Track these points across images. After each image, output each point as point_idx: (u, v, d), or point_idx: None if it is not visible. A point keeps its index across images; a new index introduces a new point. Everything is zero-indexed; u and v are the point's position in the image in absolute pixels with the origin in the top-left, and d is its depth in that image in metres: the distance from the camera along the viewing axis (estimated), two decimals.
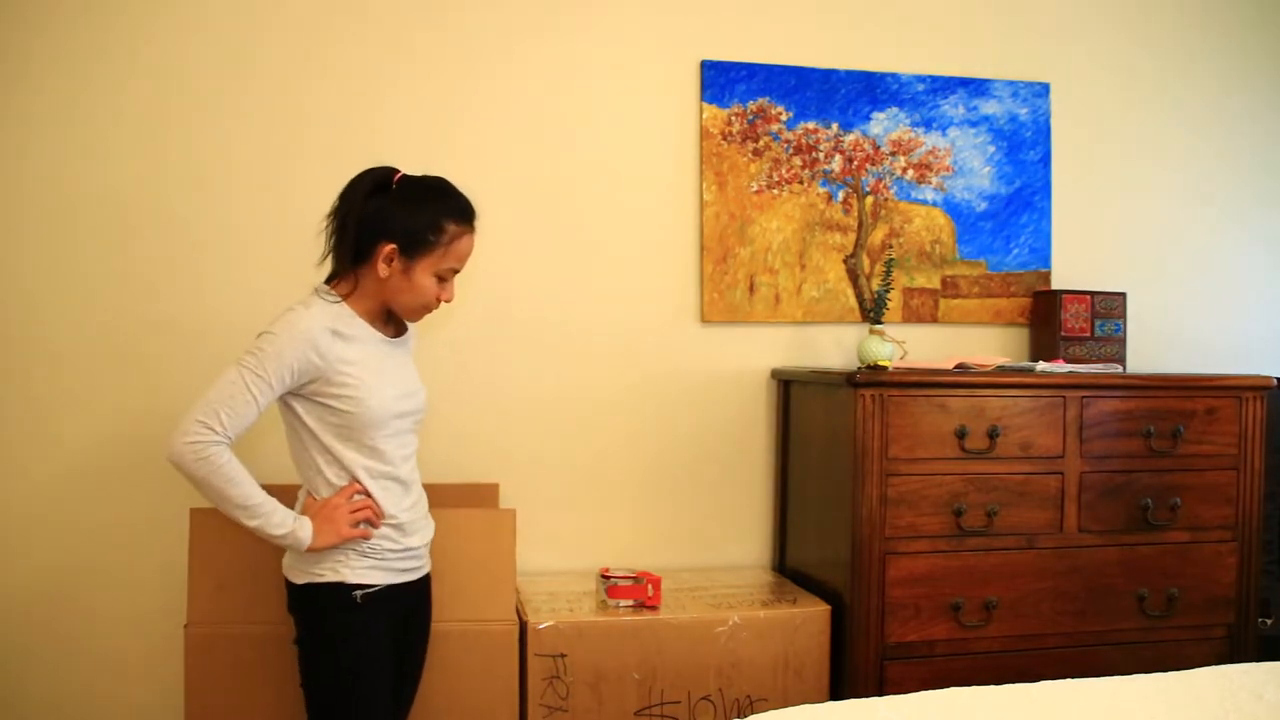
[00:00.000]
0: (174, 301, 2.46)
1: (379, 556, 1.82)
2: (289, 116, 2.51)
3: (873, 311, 2.66)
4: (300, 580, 1.81)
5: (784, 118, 2.77)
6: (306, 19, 2.52)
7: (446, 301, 1.86)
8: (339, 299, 1.81)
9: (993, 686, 1.88)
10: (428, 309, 1.85)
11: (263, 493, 1.75)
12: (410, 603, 1.91)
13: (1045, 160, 2.95)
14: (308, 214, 2.02)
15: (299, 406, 1.78)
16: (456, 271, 1.85)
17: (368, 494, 1.81)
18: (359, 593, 1.79)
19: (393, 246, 1.77)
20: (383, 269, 1.78)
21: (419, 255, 1.78)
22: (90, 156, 2.42)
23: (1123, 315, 2.85)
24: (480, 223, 1.87)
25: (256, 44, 2.49)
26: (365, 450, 1.80)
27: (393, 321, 1.91)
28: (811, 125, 2.79)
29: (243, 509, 1.72)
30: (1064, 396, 2.42)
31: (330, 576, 1.79)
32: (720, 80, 2.73)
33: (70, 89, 2.40)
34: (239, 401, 1.70)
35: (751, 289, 2.76)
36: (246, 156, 2.49)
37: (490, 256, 2.50)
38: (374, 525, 1.81)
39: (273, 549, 1.87)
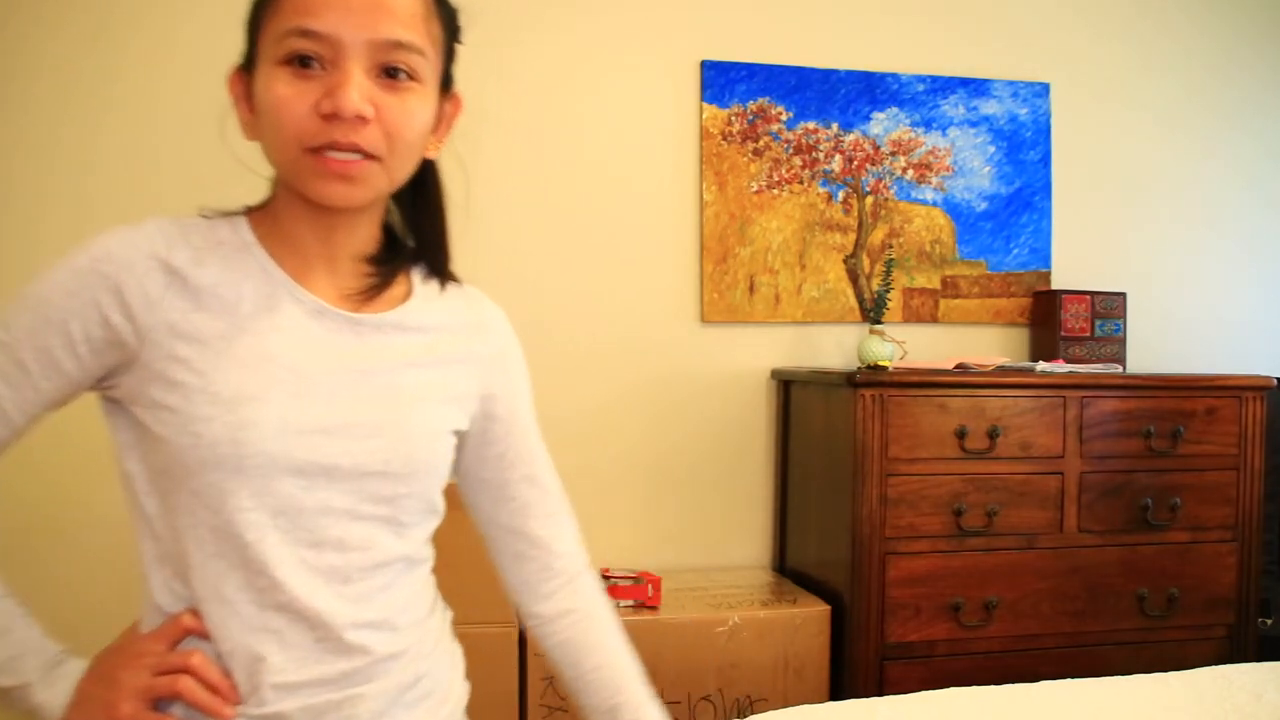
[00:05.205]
0: None
1: None
2: None
3: (873, 311, 2.66)
4: None
5: (784, 118, 2.77)
6: None
7: (337, 114, 0.87)
8: (232, 213, 0.99)
9: (993, 687, 1.88)
10: (311, 148, 0.89)
11: None
12: None
13: (1045, 160, 2.95)
14: None
15: (117, 429, 0.98)
16: (311, 35, 0.88)
17: (206, 638, 0.91)
18: None
19: (232, 74, 0.98)
20: (245, 123, 0.98)
21: (254, 47, 0.94)
22: (87, 155, 2.42)
23: (1123, 315, 2.84)
24: (480, 222, 1.83)
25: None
26: (217, 536, 0.89)
27: (374, 276, 1.00)
28: (811, 125, 2.79)
29: None
30: (1064, 396, 2.42)
31: None
32: (720, 80, 2.73)
33: (64, 85, 2.41)
34: None
35: (751, 289, 2.76)
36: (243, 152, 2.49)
37: (489, 256, 2.51)
38: (204, 710, 0.89)
39: None
